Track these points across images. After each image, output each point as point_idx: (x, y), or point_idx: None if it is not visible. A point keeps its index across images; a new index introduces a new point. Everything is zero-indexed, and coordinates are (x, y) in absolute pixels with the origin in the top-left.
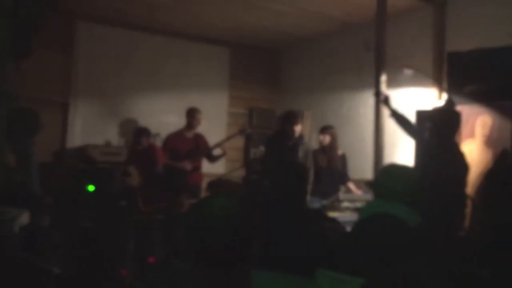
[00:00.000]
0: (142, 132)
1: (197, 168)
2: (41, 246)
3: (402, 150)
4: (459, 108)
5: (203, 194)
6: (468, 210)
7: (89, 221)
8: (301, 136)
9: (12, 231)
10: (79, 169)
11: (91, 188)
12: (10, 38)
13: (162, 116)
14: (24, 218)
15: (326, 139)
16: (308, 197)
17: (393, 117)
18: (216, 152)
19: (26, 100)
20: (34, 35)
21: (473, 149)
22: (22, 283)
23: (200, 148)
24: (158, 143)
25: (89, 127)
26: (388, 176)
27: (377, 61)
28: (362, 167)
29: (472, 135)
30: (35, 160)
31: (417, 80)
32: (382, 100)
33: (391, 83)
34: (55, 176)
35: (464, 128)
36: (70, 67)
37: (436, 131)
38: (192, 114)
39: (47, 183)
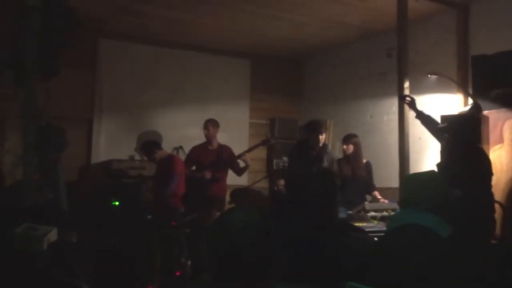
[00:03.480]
0: (150, 146)
1: (220, 179)
2: (70, 262)
3: (428, 157)
4: (485, 113)
5: (227, 205)
6: (498, 216)
7: (116, 236)
8: (325, 146)
9: (42, 247)
10: (104, 184)
11: (116, 203)
12: (38, 58)
13: (184, 129)
14: (53, 234)
15: (350, 148)
16: None
17: (419, 118)
18: (241, 164)
19: (51, 118)
20: (61, 54)
21: (502, 155)
22: None
23: (223, 159)
24: (181, 155)
25: (113, 142)
26: (414, 185)
27: (400, 67)
28: (388, 176)
29: (500, 140)
30: (62, 176)
31: (441, 85)
32: (407, 103)
33: (415, 90)
34: (81, 192)
35: (492, 133)
36: (93, 83)
37: (458, 136)
38: (204, 126)
39: (74, 199)
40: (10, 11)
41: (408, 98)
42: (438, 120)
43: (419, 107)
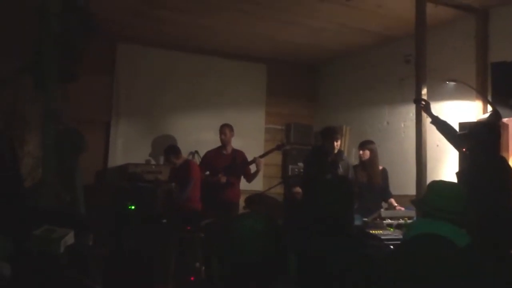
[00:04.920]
0: (168, 151)
1: (234, 184)
2: (86, 265)
3: (446, 165)
4: (505, 120)
5: (241, 210)
6: None
7: (132, 239)
8: (340, 152)
9: (58, 250)
10: (121, 188)
11: (132, 207)
12: (57, 63)
13: (200, 134)
14: (70, 237)
15: (366, 154)
16: None
17: (434, 124)
18: (253, 169)
19: (70, 121)
20: (80, 59)
21: None
22: None
23: (237, 164)
24: (196, 160)
25: (130, 146)
26: (434, 194)
27: (418, 73)
28: (404, 183)
29: None
30: (80, 180)
31: (459, 92)
32: (422, 107)
33: (433, 96)
34: (98, 195)
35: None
36: (111, 87)
37: (480, 144)
38: (220, 129)
39: (91, 202)
40: (31, 17)
41: (423, 102)
42: (455, 127)
43: (437, 113)
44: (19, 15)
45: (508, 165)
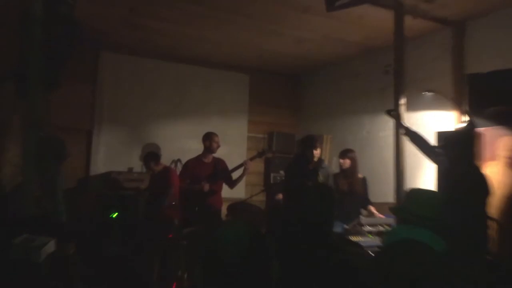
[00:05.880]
0: (148, 158)
1: (217, 191)
2: (67, 273)
3: (424, 173)
4: (480, 130)
5: (223, 217)
6: (492, 232)
7: (114, 247)
8: (321, 160)
9: (39, 258)
10: (103, 196)
11: (114, 215)
12: (41, 71)
13: (183, 142)
14: (50, 246)
15: (347, 162)
16: None
17: (406, 136)
18: (236, 174)
19: (51, 128)
20: (63, 67)
21: (496, 171)
22: None
23: (218, 171)
24: (179, 168)
25: (112, 154)
26: (412, 201)
27: (397, 84)
28: (384, 191)
29: (494, 157)
30: (62, 187)
31: (437, 102)
32: (393, 117)
33: (411, 106)
34: (79, 203)
35: (486, 151)
36: (94, 95)
37: (454, 153)
38: (210, 138)
39: (72, 210)
40: (13, 23)
41: (393, 113)
42: (432, 136)
43: (415, 123)
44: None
45: (483, 174)
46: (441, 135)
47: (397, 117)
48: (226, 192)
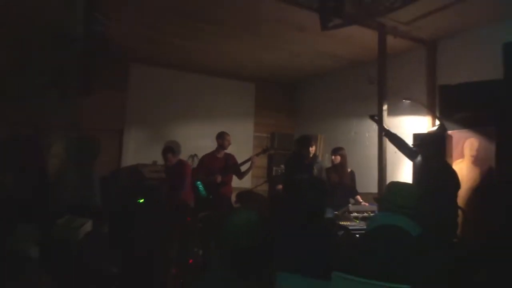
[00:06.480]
0: (166, 150)
1: (227, 182)
2: (102, 249)
3: (403, 168)
4: (450, 132)
5: (233, 204)
6: (460, 219)
7: (141, 228)
8: (315, 156)
9: (78, 236)
10: (131, 184)
11: (141, 200)
12: (78, 80)
13: (198, 140)
14: (88, 226)
15: (337, 158)
16: None
17: (386, 136)
18: (244, 167)
19: (89, 129)
20: (97, 77)
21: (463, 168)
22: (89, 280)
23: (229, 165)
24: (196, 162)
25: (140, 149)
26: (392, 192)
27: (380, 93)
28: (368, 183)
29: (461, 155)
30: (96, 178)
31: (414, 109)
32: (375, 121)
33: (392, 112)
34: (112, 190)
35: (455, 150)
36: (124, 100)
37: (429, 152)
38: (222, 137)
39: (106, 196)
40: (56, 40)
41: (376, 118)
42: (410, 137)
43: (396, 126)
44: (45, 39)
45: (452, 170)
46: (417, 137)
47: (378, 121)
48: (235, 182)
